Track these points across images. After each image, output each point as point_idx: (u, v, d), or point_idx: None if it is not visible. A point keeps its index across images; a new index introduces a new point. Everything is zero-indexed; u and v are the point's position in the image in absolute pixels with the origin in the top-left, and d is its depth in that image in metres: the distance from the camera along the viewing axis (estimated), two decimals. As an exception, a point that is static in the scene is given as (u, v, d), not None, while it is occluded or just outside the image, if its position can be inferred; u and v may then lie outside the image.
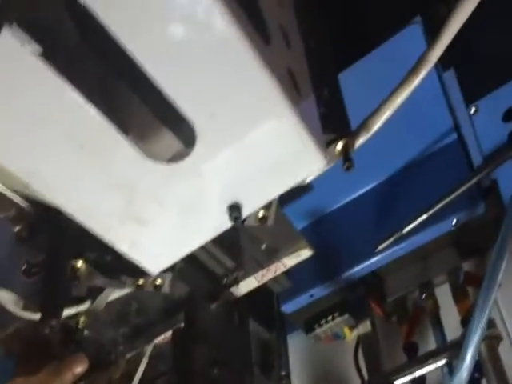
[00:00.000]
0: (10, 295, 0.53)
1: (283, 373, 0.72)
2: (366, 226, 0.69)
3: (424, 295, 0.63)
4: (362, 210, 0.71)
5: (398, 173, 0.69)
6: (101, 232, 0.37)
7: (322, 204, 0.74)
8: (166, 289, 0.58)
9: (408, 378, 0.59)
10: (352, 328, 0.73)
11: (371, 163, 0.68)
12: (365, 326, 0.67)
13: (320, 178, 0.69)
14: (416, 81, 0.38)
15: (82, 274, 0.52)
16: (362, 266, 0.66)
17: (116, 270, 0.57)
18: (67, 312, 0.59)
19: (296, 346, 0.81)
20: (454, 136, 0.63)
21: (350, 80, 0.51)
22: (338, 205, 0.74)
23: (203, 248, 0.55)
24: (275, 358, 0.73)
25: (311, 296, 0.71)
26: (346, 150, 0.41)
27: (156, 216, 0.36)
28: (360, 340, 0.65)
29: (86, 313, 0.60)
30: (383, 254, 0.65)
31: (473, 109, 0.51)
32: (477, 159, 0.57)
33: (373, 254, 0.65)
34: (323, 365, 0.77)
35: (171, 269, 0.56)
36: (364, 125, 0.41)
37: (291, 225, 0.63)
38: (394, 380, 0.59)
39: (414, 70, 0.38)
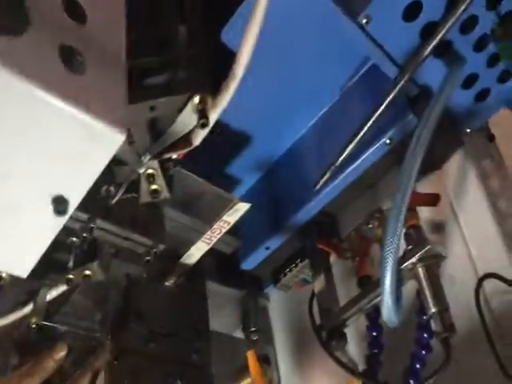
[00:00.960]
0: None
1: (252, 328, 0.71)
2: (308, 168, 0.65)
3: (370, 225, 0.59)
4: (302, 152, 0.68)
5: (329, 109, 0.65)
6: None
7: (267, 155, 0.71)
8: (100, 276, 0.57)
9: (356, 312, 0.56)
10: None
11: (302, 105, 0.65)
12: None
13: (259, 129, 0.70)
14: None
15: (7, 283, 0.52)
16: (305, 209, 0.63)
17: (42, 271, 0.56)
18: (15, 316, 0.60)
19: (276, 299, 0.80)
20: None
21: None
22: (281, 153, 0.71)
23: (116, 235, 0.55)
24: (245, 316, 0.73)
25: (267, 248, 0.68)
26: (202, 107, 0.43)
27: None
28: (315, 287, 0.62)
29: (36, 312, 0.60)
30: (323, 193, 0.61)
31: (363, 20, 0.44)
32: (392, 71, 0.51)
33: (314, 195, 0.62)
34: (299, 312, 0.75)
35: (95, 257, 0.56)
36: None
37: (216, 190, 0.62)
38: (345, 318, 0.56)
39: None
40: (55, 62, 0.31)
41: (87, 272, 0.57)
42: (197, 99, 0.44)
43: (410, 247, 0.54)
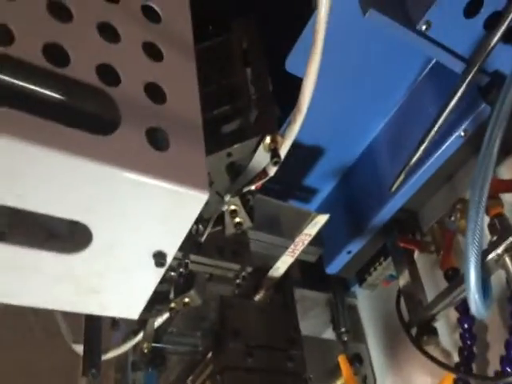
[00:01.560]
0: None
1: (343, 329, 0.72)
2: (383, 170, 0.65)
3: (453, 217, 0.58)
4: (375, 155, 0.68)
5: (398, 110, 0.65)
6: (68, 308, 0.41)
7: (341, 163, 0.72)
8: (197, 302, 0.62)
9: (446, 306, 0.56)
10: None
11: (371, 109, 0.65)
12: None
13: (332, 140, 0.70)
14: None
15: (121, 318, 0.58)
16: (383, 210, 0.63)
17: (149, 305, 0.61)
18: (131, 343, 0.66)
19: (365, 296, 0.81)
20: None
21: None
22: (354, 158, 0.71)
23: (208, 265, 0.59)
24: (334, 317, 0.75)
25: (349, 252, 0.69)
26: (273, 146, 0.44)
27: (102, 285, 0.40)
28: (400, 284, 0.63)
29: (146, 339, 0.66)
30: (400, 194, 0.61)
31: (423, 27, 0.43)
32: (459, 66, 0.49)
33: (390, 197, 0.61)
34: (389, 308, 0.76)
35: (192, 286, 0.60)
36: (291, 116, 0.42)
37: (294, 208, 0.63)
38: (434, 312, 0.56)
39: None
40: (144, 146, 0.34)
41: (186, 300, 0.62)
42: (268, 139, 0.45)
43: (494, 238, 0.53)
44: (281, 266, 0.71)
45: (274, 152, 0.45)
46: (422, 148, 0.56)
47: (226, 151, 0.45)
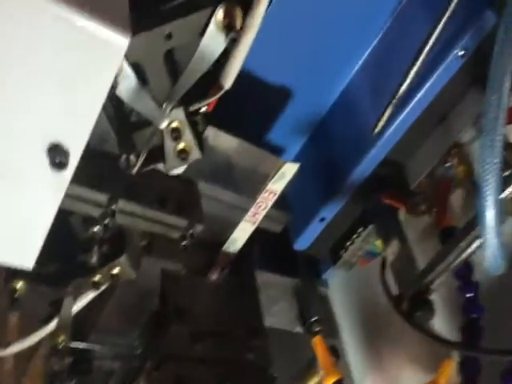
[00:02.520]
0: None
1: (313, 318, 0.60)
2: (362, 115, 0.55)
3: (449, 163, 0.48)
4: (353, 99, 0.57)
5: (380, 40, 0.54)
6: None
7: (312, 112, 0.60)
8: (130, 273, 0.47)
9: (442, 272, 0.45)
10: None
11: (346, 44, 0.54)
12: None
13: (301, 82, 0.58)
14: None
15: (23, 293, 0.43)
16: (364, 162, 0.52)
17: (63, 277, 0.47)
18: (39, 335, 0.50)
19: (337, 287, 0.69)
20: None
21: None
22: (327, 106, 0.59)
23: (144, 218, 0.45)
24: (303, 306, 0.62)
25: (322, 220, 0.57)
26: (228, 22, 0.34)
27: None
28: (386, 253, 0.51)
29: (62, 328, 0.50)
30: (385, 137, 0.50)
31: None
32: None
33: (373, 143, 0.51)
34: (365, 293, 0.64)
35: (123, 251, 0.46)
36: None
37: (255, 148, 0.51)
38: (429, 281, 0.45)
39: None
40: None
41: (115, 270, 0.47)
42: (220, 13, 0.34)
43: (507, 172, 0.42)
44: (239, 237, 0.57)
45: (228, 28, 0.33)
46: (411, 76, 0.46)
47: (165, 30, 0.33)
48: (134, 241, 0.48)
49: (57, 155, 0.28)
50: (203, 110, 0.44)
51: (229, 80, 0.40)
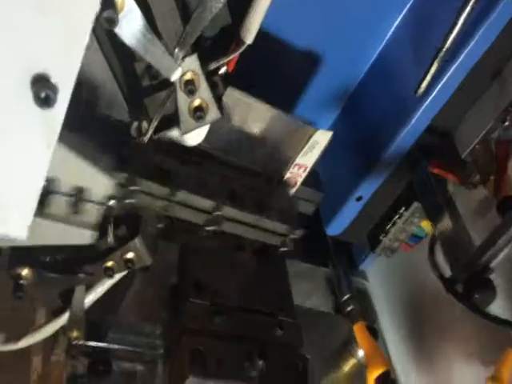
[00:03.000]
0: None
1: (346, 297, 0.55)
2: (403, 78, 0.48)
3: (507, 122, 0.41)
4: (393, 63, 0.51)
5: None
6: None
7: (345, 82, 0.54)
8: (145, 258, 0.42)
9: (503, 248, 0.38)
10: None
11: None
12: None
13: (332, 48, 0.51)
14: None
15: (30, 282, 0.39)
16: (406, 130, 0.46)
17: (72, 263, 0.42)
18: (50, 330, 0.45)
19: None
20: None
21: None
22: (361, 74, 0.54)
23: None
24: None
25: (359, 199, 0.51)
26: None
27: None
28: (436, 230, 0.45)
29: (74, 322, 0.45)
30: (430, 99, 0.44)
31: None
32: None
33: (416, 106, 0.45)
34: (411, 278, 0.57)
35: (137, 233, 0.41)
36: None
37: (287, 117, 0.45)
38: (488, 259, 0.38)
39: None
40: None
41: (129, 255, 0.42)
42: None
43: None
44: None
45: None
46: (459, 25, 0.40)
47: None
48: (149, 223, 0.43)
49: (42, 88, 0.23)
50: (223, 70, 0.39)
51: (249, 34, 0.35)
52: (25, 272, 0.42)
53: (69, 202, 0.33)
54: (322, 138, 0.45)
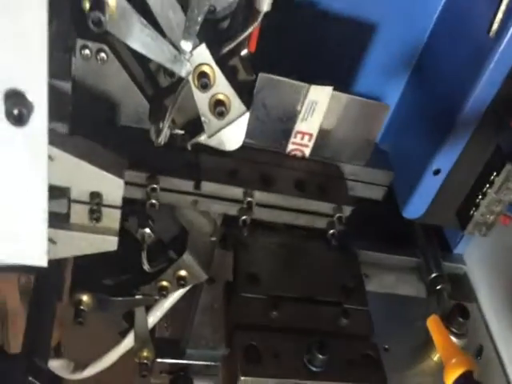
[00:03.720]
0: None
1: (434, 274, 0.48)
2: (475, 23, 0.40)
3: None
4: (459, 10, 0.42)
5: None
6: None
7: (409, 44, 0.46)
8: (199, 274, 0.39)
9: None
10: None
11: None
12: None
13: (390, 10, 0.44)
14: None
15: (89, 306, 0.38)
16: (484, 79, 0.37)
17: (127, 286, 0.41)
18: (118, 352, 0.44)
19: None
20: None
21: None
22: (428, 29, 0.45)
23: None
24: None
25: (437, 173, 0.43)
26: None
27: None
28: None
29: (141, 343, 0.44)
30: (508, 39, 0.35)
31: None
32: None
33: (492, 50, 0.36)
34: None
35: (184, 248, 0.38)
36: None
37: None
38: None
39: None
40: None
41: (181, 272, 0.40)
42: None
43: None
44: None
45: None
46: None
47: None
48: (198, 237, 0.40)
49: (15, 104, 0.21)
50: (244, 52, 0.34)
51: (264, 1, 0.30)
52: (85, 298, 0.41)
53: (89, 210, 0.31)
54: (320, 96, 0.38)
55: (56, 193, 0.29)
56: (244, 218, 0.37)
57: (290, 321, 0.40)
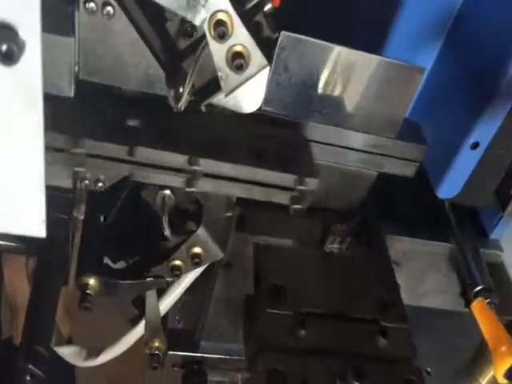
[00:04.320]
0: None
1: (478, 287, 0.43)
2: None
3: None
4: None
5: None
6: None
7: (444, 6, 0.42)
8: (215, 251, 0.36)
9: None
10: None
11: None
12: None
13: None
14: None
15: (95, 290, 0.35)
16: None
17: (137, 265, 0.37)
18: (129, 341, 0.41)
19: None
20: None
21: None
22: None
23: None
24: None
25: (475, 147, 0.40)
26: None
27: None
28: None
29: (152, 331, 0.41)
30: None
31: None
32: None
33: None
34: None
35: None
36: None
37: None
38: None
39: None
40: None
41: (195, 249, 0.36)
42: None
43: None
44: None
45: None
46: None
47: None
48: (214, 211, 0.37)
49: (4, 39, 0.18)
50: (268, 7, 0.31)
51: None
52: (91, 281, 0.38)
53: None
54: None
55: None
56: (190, 189, 0.33)
57: (319, 341, 0.35)
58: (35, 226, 0.23)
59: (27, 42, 0.19)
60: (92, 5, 0.30)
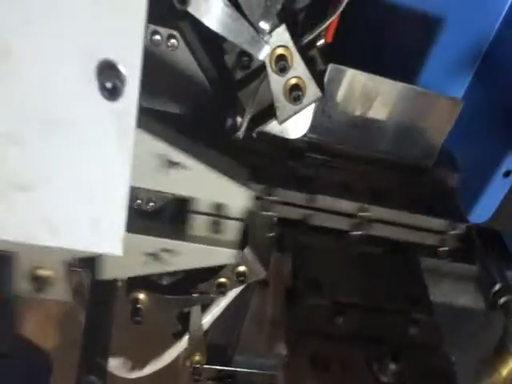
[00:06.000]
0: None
1: (497, 286, 0.45)
2: None
3: None
4: None
5: None
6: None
7: (475, 41, 0.45)
8: (259, 272, 0.38)
9: None
10: None
11: None
12: None
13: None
14: None
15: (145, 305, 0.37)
16: None
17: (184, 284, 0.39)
18: (173, 354, 0.43)
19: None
20: None
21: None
22: (493, 29, 0.44)
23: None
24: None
25: (507, 174, 0.41)
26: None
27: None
28: None
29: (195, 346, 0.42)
30: None
31: None
32: None
33: None
34: None
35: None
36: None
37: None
38: None
39: None
40: None
41: (241, 268, 0.38)
42: None
43: None
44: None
45: None
46: None
47: None
48: (259, 232, 0.39)
49: (110, 77, 0.20)
50: (321, 42, 0.33)
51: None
52: (142, 296, 0.40)
53: (209, 222, 0.31)
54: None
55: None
56: (358, 233, 0.38)
57: (356, 329, 0.37)
58: (114, 244, 0.24)
59: (128, 76, 0.21)
60: (158, 37, 0.33)
